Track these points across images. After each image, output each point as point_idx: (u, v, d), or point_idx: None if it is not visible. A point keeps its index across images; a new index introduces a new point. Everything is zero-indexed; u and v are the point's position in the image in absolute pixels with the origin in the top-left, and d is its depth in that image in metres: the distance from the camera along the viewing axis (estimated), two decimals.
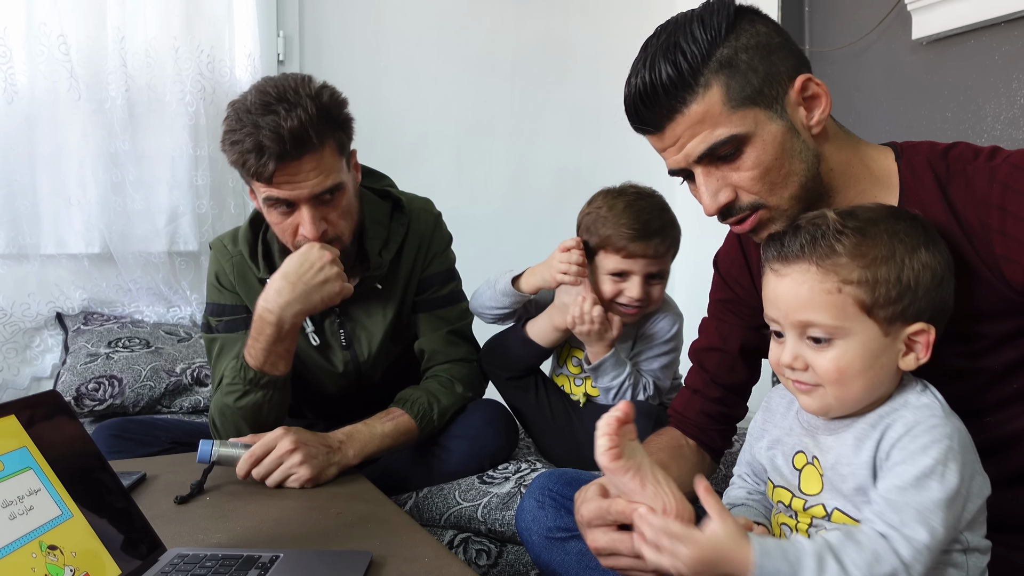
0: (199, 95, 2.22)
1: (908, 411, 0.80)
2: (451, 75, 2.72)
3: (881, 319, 0.80)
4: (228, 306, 1.51)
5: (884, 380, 0.82)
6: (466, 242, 1.95)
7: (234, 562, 0.89)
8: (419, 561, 0.92)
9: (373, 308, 1.53)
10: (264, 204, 1.36)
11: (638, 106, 0.93)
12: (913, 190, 0.92)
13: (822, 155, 0.92)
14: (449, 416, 1.51)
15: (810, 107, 0.92)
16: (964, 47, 2.10)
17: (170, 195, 2.22)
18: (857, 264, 0.80)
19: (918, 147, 0.95)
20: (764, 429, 0.95)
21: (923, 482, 0.75)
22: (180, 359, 2.02)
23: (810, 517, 0.85)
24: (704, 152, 0.90)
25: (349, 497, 1.20)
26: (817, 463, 0.85)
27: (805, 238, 0.83)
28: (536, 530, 1.09)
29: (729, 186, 0.92)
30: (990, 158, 0.88)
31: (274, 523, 1.08)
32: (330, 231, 1.39)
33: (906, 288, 0.79)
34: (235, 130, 1.31)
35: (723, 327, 1.15)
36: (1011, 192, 0.84)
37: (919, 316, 0.80)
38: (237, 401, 1.39)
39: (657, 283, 1.49)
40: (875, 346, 0.81)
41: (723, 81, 0.88)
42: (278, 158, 1.28)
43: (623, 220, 1.46)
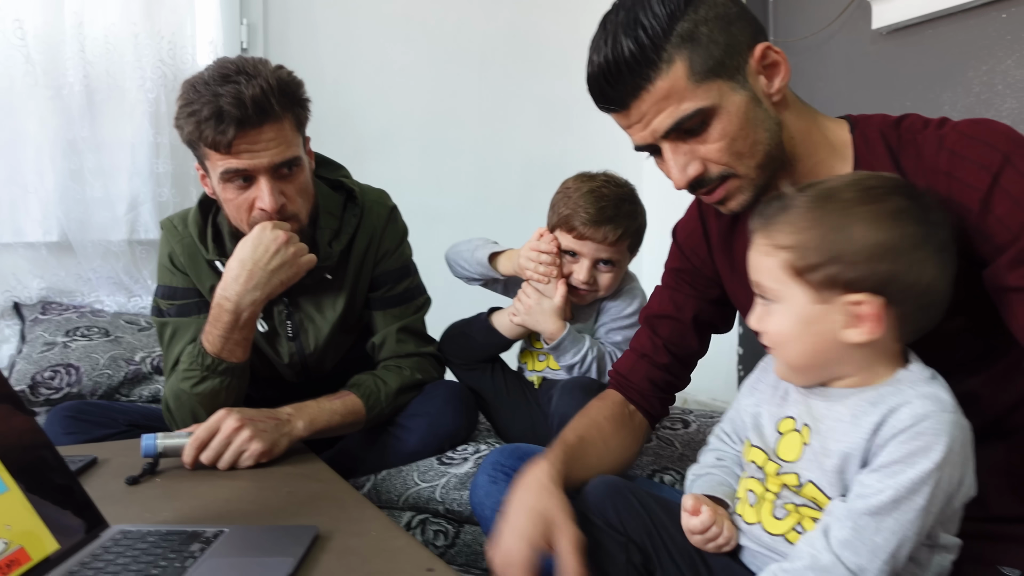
0: (160, 82, 2.19)
1: (917, 398, 0.78)
2: (418, 65, 2.71)
3: (811, 284, 0.80)
4: (180, 289, 1.49)
5: (830, 352, 0.82)
6: (433, 234, 1.95)
7: (177, 537, 0.88)
8: (366, 535, 0.92)
9: (323, 300, 1.51)
10: (220, 179, 1.34)
11: (602, 85, 0.93)
12: (866, 159, 0.93)
13: (783, 123, 0.93)
14: (402, 399, 1.50)
15: (770, 75, 0.92)
16: (922, 37, 2.13)
17: (130, 183, 2.19)
18: (789, 230, 0.82)
19: (871, 119, 0.96)
20: (755, 387, 0.95)
21: (915, 489, 0.74)
22: (140, 348, 2.00)
23: (780, 484, 0.84)
24: (671, 127, 0.91)
25: (302, 477, 1.19)
26: (806, 431, 0.84)
27: (767, 209, 0.86)
28: (489, 505, 1.09)
29: (697, 159, 0.92)
30: (939, 127, 0.89)
31: (224, 502, 1.07)
32: (288, 206, 1.37)
33: (834, 255, 0.78)
34: (192, 101, 1.29)
35: (677, 296, 1.16)
36: (957, 158, 0.85)
37: (854, 285, 0.79)
38: (194, 387, 1.37)
39: (607, 270, 1.50)
40: (807, 312, 0.81)
41: (686, 55, 0.88)
42: (239, 124, 1.26)
43: (581, 202, 1.47)
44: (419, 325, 1.61)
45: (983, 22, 1.97)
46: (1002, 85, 1.93)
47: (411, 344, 1.56)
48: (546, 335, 1.52)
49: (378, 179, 1.67)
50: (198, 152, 1.36)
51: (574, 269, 1.50)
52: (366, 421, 1.45)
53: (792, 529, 0.83)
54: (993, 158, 0.83)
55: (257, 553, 0.85)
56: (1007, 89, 1.92)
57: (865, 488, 0.77)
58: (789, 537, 0.83)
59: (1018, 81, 1.90)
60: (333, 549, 0.87)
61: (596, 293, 1.52)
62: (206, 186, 1.43)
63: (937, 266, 0.80)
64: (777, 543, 0.84)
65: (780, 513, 0.85)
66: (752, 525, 0.87)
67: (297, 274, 1.37)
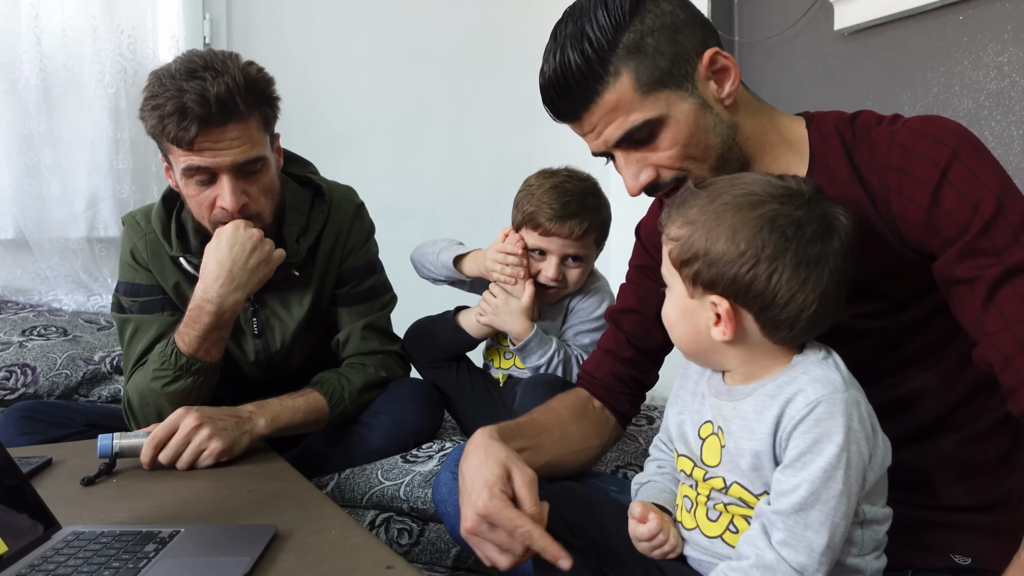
0: (120, 77, 2.15)
1: (809, 383, 0.79)
2: (385, 62, 2.69)
3: (686, 278, 0.83)
4: (144, 286, 1.46)
5: (702, 343, 0.84)
6: (401, 232, 1.94)
7: (132, 538, 0.86)
8: (326, 533, 0.91)
9: (289, 297, 1.50)
10: (182, 175, 1.32)
11: (552, 98, 0.94)
12: (822, 155, 0.94)
13: (737, 125, 0.94)
14: (366, 397, 1.49)
15: (720, 80, 0.93)
16: (883, 38, 2.16)
17: (89, 179, 2.15)
18: (679, 223, 0.84)
19: (827, 115, 0.97)
20: (678, 396, 0.96)
21: (830, 474, 0.75)
22: (99, 347, 1.96)
23: (709, 488, 0.85)
24: (621, 138, 0.92)
25: (263, 476, 1.17)
26: (721, 434, 0.85)
27: (677, 196, 0.89)
28: (452, 502, 1.08)
29: (649, 166, 0.93)
30: (891, 123, 0.91)
31: (182, 502, 1.05)
32: (251, 205, 1.36)
33: (700, 253, 0.81)
34: (156, 95, 1.27)
35: (641, 291, 1.17)
36: (908, 153, 0.87)
37: (711, 285, 0.81)
38: (166, 387, 1.35)
39: (575, 266, 1.51)
40: (685, 303, 0.85)
41: (632, 68, 0.89)
42: (201, 122, 1.25)
43: (546, 199, 1.47)
44: (384, 322, 1.61)
45: (941, 24, 2.01)
46: (959, 86, 1.97)
47: (376, 341, 1.55)
48: (513, 336, 1.52)
49: (345, 176, 1.66)
50: (162, 145, 1.34)
51: (542, 267, 1.50)
52: (330, 419, 1.43)
53: (726, 529, 0.84)
54: (942, 153, 0.85)
55: (213, 553, 0.84)
56: (963, 90, 1.96)
57: (782, 486, 0.78)
58: (725, 538, 0.84)
59: (974, 82, 1.94)
60: (292, 548, 0.86)
61: (565, 290, 1.53)
62: (170, 179, 1.41)
63: (797, 279, 0.79)
64: (715, 545, 0.85)
65: (713, 515, 0.85)
66: (691, 530, 0.88)
67: (271, 271, 1.36)
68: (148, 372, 1.36)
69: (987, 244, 0.82)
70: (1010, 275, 0.81)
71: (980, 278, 0.82)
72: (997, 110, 1.89)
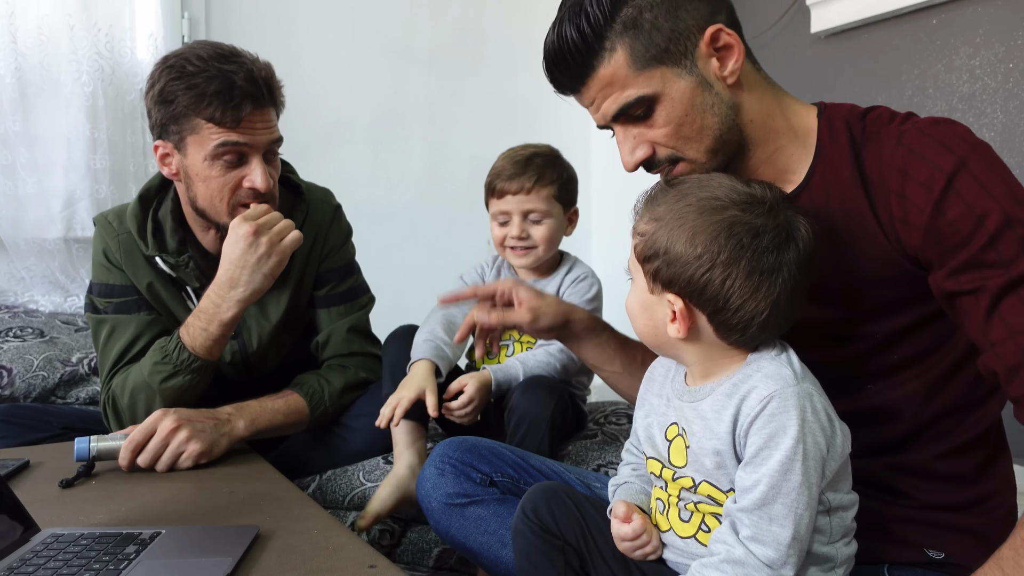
0: (97, 76, 2.13)
1: (761, 380, 0.80)
2: (366, 62, 2.69)
3: (647, 273, 0.85)
4: (118, 287, 1.45)
5: (660, 337, 0.86)
6: (382, 232, 1.94)
7: (111, 539, 0.86)
8: (308, 534, 0.91)
9: (266, 298, 1.48)
10: (211, 155, 1.31)
11: (552, 70, 0.94)
12: (828, 150, 0.92)
13: (740, 105, 0.91)
14: (347, 398, 1.49)
15: (723, 58, 0.90)
16: (858, 41, 2.19)
17: (66, 179, 2.13)
18: (646, 218, 0.86)
19: (840, 107, 0.95)
20: (644, 397, 0.96)
21: (788, 467, 0.76)
22: (77, 349, 1.94)
23: (679, 488, 0.86)
24: (616, 112, 0.92)
25: (244, 477, 1.17)
26: (685, 435, 0.85)
27: (649, 189, 0.90)
28: (436, 497, 1.09)
29: (645, 142, 0.93)
30: (902, 122, 0.89)
31: (161, 503, 1.05)
32: (272, 188, 1.38)
33: (659, 252, 0.82)
34: (192, 74, 1.28)
35: None
36: (913, 156, 0.84)
37: (668, 284, 0.82)
38: (164, 382, 1.33)
39: (536, 224, 1.52)
40: (645, 298, 0.86)
41: (627, 43, 0.88)
42: (253, 101, 1.29)
43: (498, 164, 1.54)
44: (364, 323, 1.60)
45: (915, 28, 2.04)
46: (932, 88, 2.01)
47: (356, 343, 1.55)
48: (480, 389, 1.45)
49: (325, 176, 1.66)
50: (182, 127, 1.32)
51: (507, 231, 1.53)
52: (310, 421, 1.43)
53: (699, 529, 0.85)
54: (948, 160, 0.82)
55: (195, 554, 0.84)
56: (937, 92, 2.00)
57: (743, 482, 0.79)
58: (699, 537, 0.85)
59: (947, 85, 1.97)
60: (274, 548, 0.86)
61: (535, 250, 1.52)
62: (167, 167, 1.38)
63: (750, 286, 0.80)
64: (690, 545, 0.86)
65: (685, 516, 0.86)
66: (666, 532, 0.88)
67: (282, 262, 1.33)
68: (145, 366, 1.35)
69: (993, 256, 0.80)
70: (1014, 285, 0.79)
71: (984, 288, 0.81)
72: (969, 112, 1.92)
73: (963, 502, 0.92)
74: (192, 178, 1.36)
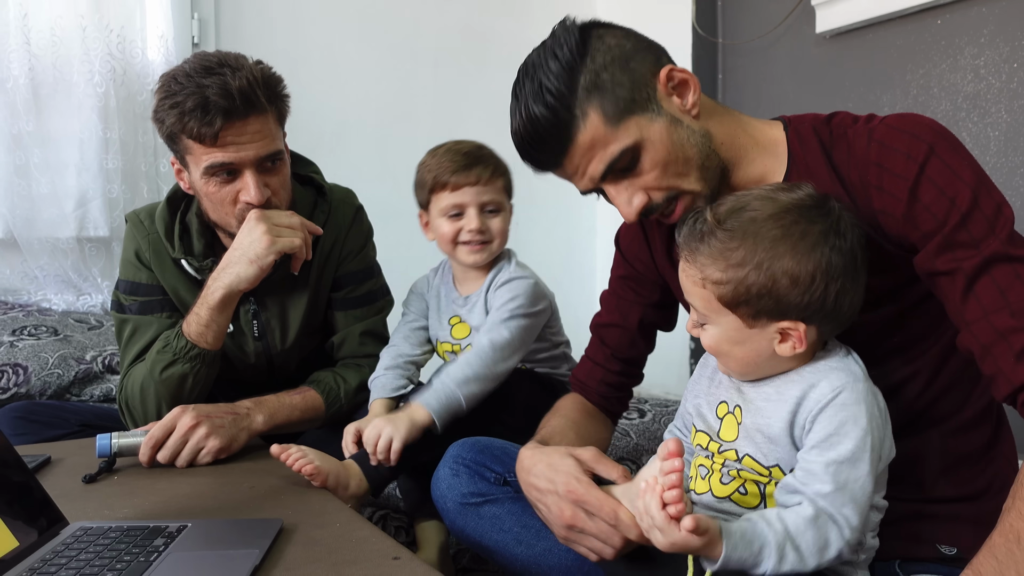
0: (109, 76, 2.15)
1: (831, 372, 0.86)
2: (373, 62, 2.70)
3: (743, 315, 0.87)
4: (144, 285, 1.47)
5: (764, 360, 0.89)
6: (389, 232, 1.94)
7: (140, 532, 0.88)
8: (330, 527, 0.93)
9: (287, 300, 1.50)
10: (204, 174, 1.32)
11: (530, 153, 0.97)
12: (801, 157, 0.97)
13: (709, 133, 0.97)
14: (362, 396, 1.50)
15: (682, 93, 0.96)
16: (863, 41, 2.21)
17: (79, 179, 2.15)
18: (717, 266, 0.86)
19: (803, 118, 1.00)
20: (697, 383, 1.01)
21: (858, 456, 0.81)
22: (91, 347, 1.96)
23: (724, 459, 0.91)
24: (604, 171, 0.95)
25: (263, 472, 1.19)
26: (738, 412, 0.91)
27: (686, 230, 0.90)
28: (451, 497, 1.12)
29: (639, 191, 0.96)
30: (867, 122, 0.94)
31: (184, 498, 1.07)
32: (272, 199, 1.37)
33: (763, 291, 0.84)
34: (174, 93, 1.28)
35: (623, 304, 1.20)
36: (886, 149, 0.89)
37: (783, 314, 0.85)
38: (163, 371, 1.35)
39: (494, 216, 1.49)
40: (740, 335, 0.88)
41: (596, 104, 0.92)
42: (225, 115, 1.26)
43: (445, 158, 1.48)
44: (380, 327, 1.61)
45: (920, 28, 2.06)
46: (937, 88, 2.02)
47: (371, 345, 1.57)
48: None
49: (333, 176, 1.67)
50: (178, 146, 1.34)
51: (462, 223, 1.47)
52: (325, 417, 1.45)
53: (736, 491, 0.90)
54: (919, 149, 0.88)
55: (222, 546, 0.86)
56: (942, 92, 2.01)
57: (811, 466, 0.82)
58: (734, 498, 0.90)
59: (952, 84, 1.99)
60: (298, 541, 0.88)
61: (491, 245, 1.49)
62: (182, 181, 1.41)
63: (854, 287, 0.87)
64: (723, 504, 0.91)
65: (726, 480, 0.91)
66: (702, 495, 0.92)
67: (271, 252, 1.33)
68: (149, 358, 1.37)
69: (965, 236, 0.86)
70: (987, 265, 0.84)
71: (959, 270, 0.86)
72: (974, 112, 1.94)
73: (972, 492, 0.95)
74: (199, 193, 1.39)
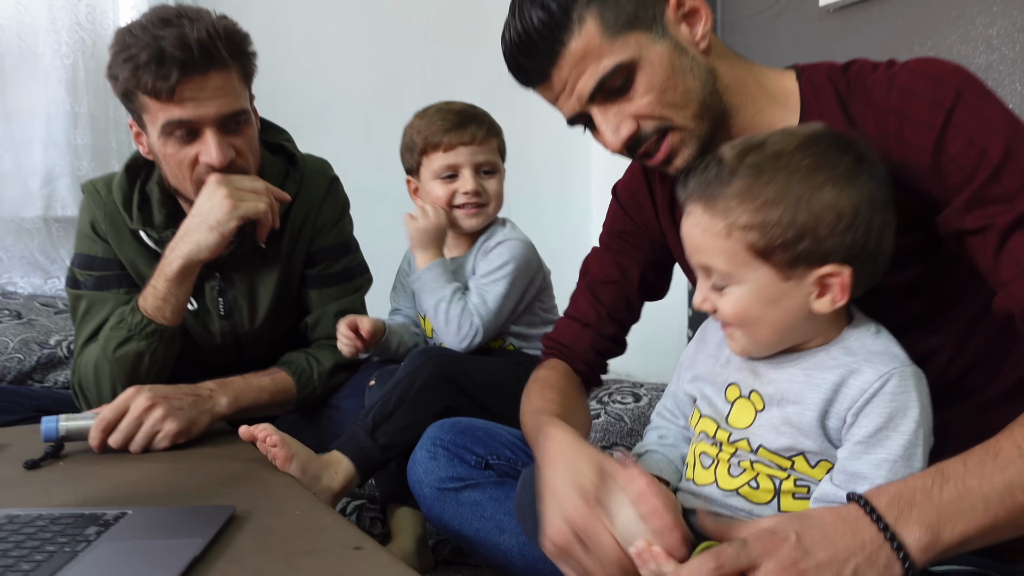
0: (77, 47, 2.05)
1: (873, 356, 0.76)
2: (358, 39, 2.61)
3: (778, 263, 0.75)
4: (100, 259, 1.37)
5: (797, 323, 0.78)
6: (375, 214, 1.87)
7: (71, 520, 0.78)
8: (288, 515, 0.84)
9: (256, 276, 1.40)
10: (161, 133, 1.22)
11: (518, 59, 0.90)
12: (814, 107, 0.89)
13: (716, 72, 0.89)
14: (336, 379, 1.42)
15: (692, 23, 0.89)
16: (868, 14, 2.12)
17: (45, 155, 2.04)
18: (746, 207, 0.75)
19: (818, 67, 0.92)
20: (695, 359, 0.91)
21: (911, 451, 0.73)
22: (55, 331, 1.86)
23: (734, 448, 0.81)
24: (595, 88, 0.87)
25: (225, 457, 1.09)
26: (756, 398, 0.81)
27: (701, 176, 0.79)
28: (428, 482, 1.02)
29: (628, 118, 0.88)
30: (888, 67, 0.86)
31: (133, 484, 0.98)
32: (238, 161, 1.27)
33: (803, 231, 0.74)
34: (128, 46, 1.19)
35: (622, 259, 1.10)
36: (908, 95, 0.81)
37: (826, 258, 0.75)
38: (117, 350, 1.25)
39: (490, 177, 1.43)
40: (773, 292, 0.76)
41: (596, 12, 0.85)
42: (182, 67, 1.16)
43: (436, 118, 1.42)
44: (357, 306, 1.52)
45: None
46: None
47: None
48: (416, 264, 1.41)
49: None
50: (134, 104, 1.25)
51: (457, 185, 1.41)
52: (297, 401, 1.36)
53: (746, 484, 0.80)
54: (946, 94, 0.79)
55: (162, 535, 0.76)
56: None
57: (859, 466, 0.74)
58: (742, 491, 0.80)
59: (962, 56, 1.90)
60: (250, 529, 0.78)
61: (487, 208, 1.43)
62: (141, 145, 1.32)
63: (891, 225, 0.78)
64: (729, 497, 0.80)
65: (736, 471, 0.81)
66: (706, 486, 0.83)
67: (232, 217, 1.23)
68: (103, 336, 1.27)
69: (997, 191, 0.77)
70: (1022, 221, 0.76)
71: (992, 227, 0.77)
72: (987, 83, 1.85)
73: None
74: (157, 157, 1.29)
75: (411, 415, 1.15)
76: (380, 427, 1.16)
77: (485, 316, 1.37)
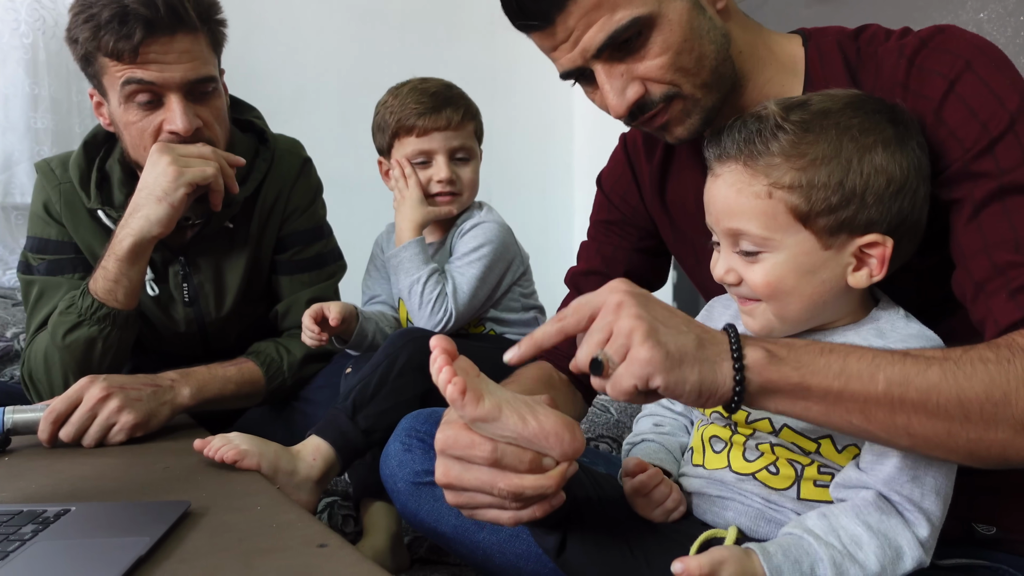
0: (37, 27, 1.96)
1: (912, 340, 0.71)
2: (334, 26, 2.54)
3: (820, 229, 0.70)
4: (53, 242, 1.29)
5: (830, 298, 0.73)
6: (351, 205, 1.82)
7: (6, 518, 0.70)
8: (249, 511, 0.77)
9: (223, 261, 1.33)
10: (122, 95, 1.15)
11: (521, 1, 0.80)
12: (820, 76, 0.84)
13: (731, 36, 0.83)
14: (308, 370, 1.34)
15: None
16: (859, 0, 2.08)
17: (3, 139, 1.96)
18: (792, 165, 0.69)
19: (827, 31, 0.87)
20: None
21: None
22: (12, 323, 1.77)
23: (752, 429, 0.75)
24: (604, 42, 0.78)
25: (184, 451, 1.01)
26: None
27: (740, 134, 0.73)
28: (402, 476, 0.95)
29: (636, 80, 0.80)
30: (901, 36, 0.81)
31: (81, 479, 0.90)
32: (204, 131, 1.20)
33: (851, 194, 0.68)
34: (90, 5, 1.11)
35: (606, 249, 1.05)
36: (915, 68, 0.77)
37: (869, 227, 0.70)
38: (66, 336, 1.17)
39: (464, 164, 1.37)
40: (811, 261, 0.71)
41: None
42: (147, 25, 1.10)
43: (409, 99, 1.35)
44: (330, 294, 1.45)
45: None
46: None
47: None
48: (395, 241, 1.35)
49: None
50: (94, 68, 1.17)
51: (431, 172, 1.35)
52: (266, 392, 1.28)
53: (764, 469, 0.74)
54: (954, 65, 0.74)
55: (107, 533, 0.69)
56: None
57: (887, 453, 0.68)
58: (759, 476, 0.74)
59: None
60: (205, 526, 0.71)
61: (461, 197, 1.37)
62: (101, 116, 1.24)
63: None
64: (744, 482, 0.75)
65: (752, 455, 0.75)
66: (716, 470, 0.77)
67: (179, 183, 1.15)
68: (52, 322, 1.19)
69: (989, 165, 0.71)
70: (1002, 193, 0.70)
71: (968, 198, 0.72)
72: None
73: None
74: (118, 126, 1.21)
75: (393, 397, 1.09)
76: (361, 410, 1.09)
77: (460, 299, 1.30)
